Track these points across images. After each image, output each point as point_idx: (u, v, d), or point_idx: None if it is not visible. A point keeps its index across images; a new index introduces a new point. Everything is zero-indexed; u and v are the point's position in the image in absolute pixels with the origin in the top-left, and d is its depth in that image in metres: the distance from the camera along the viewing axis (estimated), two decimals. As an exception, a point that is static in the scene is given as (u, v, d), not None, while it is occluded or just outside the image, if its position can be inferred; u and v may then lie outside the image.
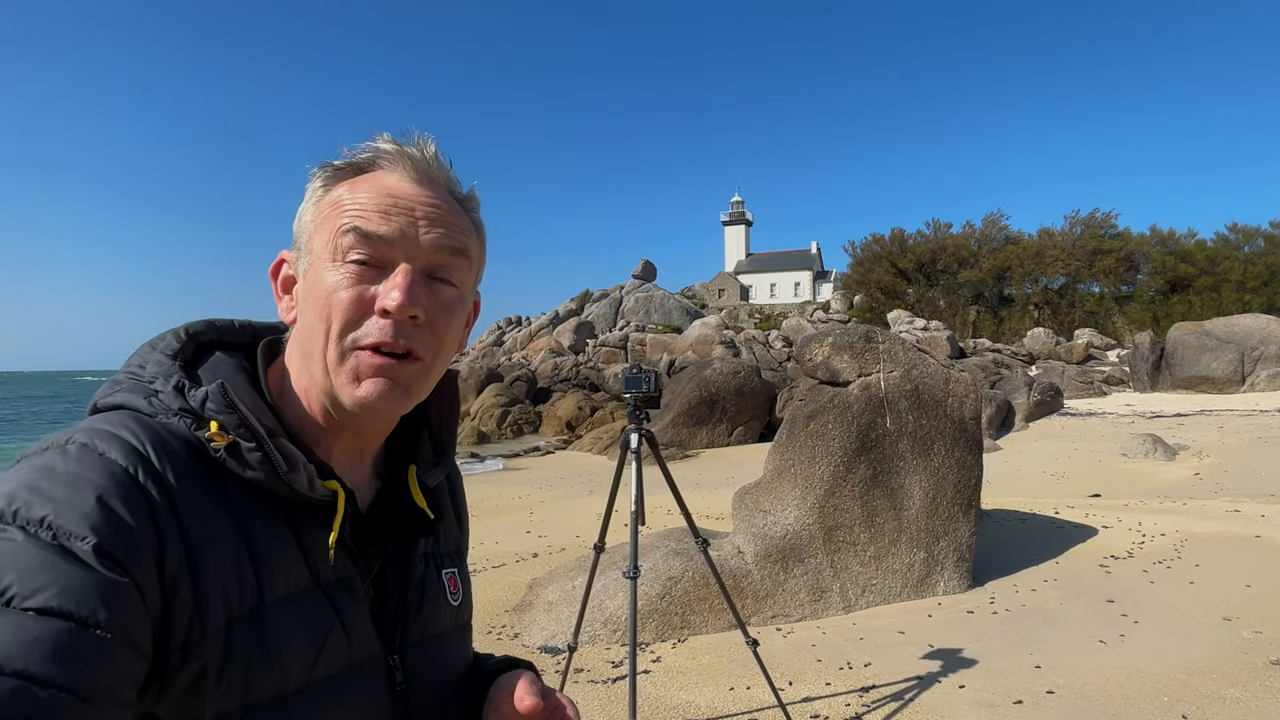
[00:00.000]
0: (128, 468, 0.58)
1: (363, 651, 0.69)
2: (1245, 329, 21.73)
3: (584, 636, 4.10)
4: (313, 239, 0.70)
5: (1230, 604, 4.19)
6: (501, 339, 44.39)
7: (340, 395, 0.67)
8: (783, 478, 4.84)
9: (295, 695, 0.62)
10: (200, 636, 0.57)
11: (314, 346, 0.68)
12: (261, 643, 0.61)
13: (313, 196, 0.72)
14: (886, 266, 48.64)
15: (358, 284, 0.66)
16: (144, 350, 0.71)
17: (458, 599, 0.83)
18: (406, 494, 0.77)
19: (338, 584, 0.68)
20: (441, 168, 0.72)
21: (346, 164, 0.71)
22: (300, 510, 0.67)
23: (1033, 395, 17.14)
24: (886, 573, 4.64)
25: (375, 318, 0.66)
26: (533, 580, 5.28)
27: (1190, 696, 3.12)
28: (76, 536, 0.53)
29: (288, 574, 0.64)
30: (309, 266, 0.70)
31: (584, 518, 7.82)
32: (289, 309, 0.73)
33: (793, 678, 3.52)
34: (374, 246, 0.67)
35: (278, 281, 0.74)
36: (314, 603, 0.65)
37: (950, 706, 3.15)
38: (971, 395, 5.09)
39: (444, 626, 0.80)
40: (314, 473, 0.66)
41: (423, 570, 0.78)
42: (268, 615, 0.62)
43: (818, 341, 5.24)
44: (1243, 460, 10.13)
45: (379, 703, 0.70)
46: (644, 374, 2.57)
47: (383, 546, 0.75)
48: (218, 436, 0.63)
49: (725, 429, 15.76)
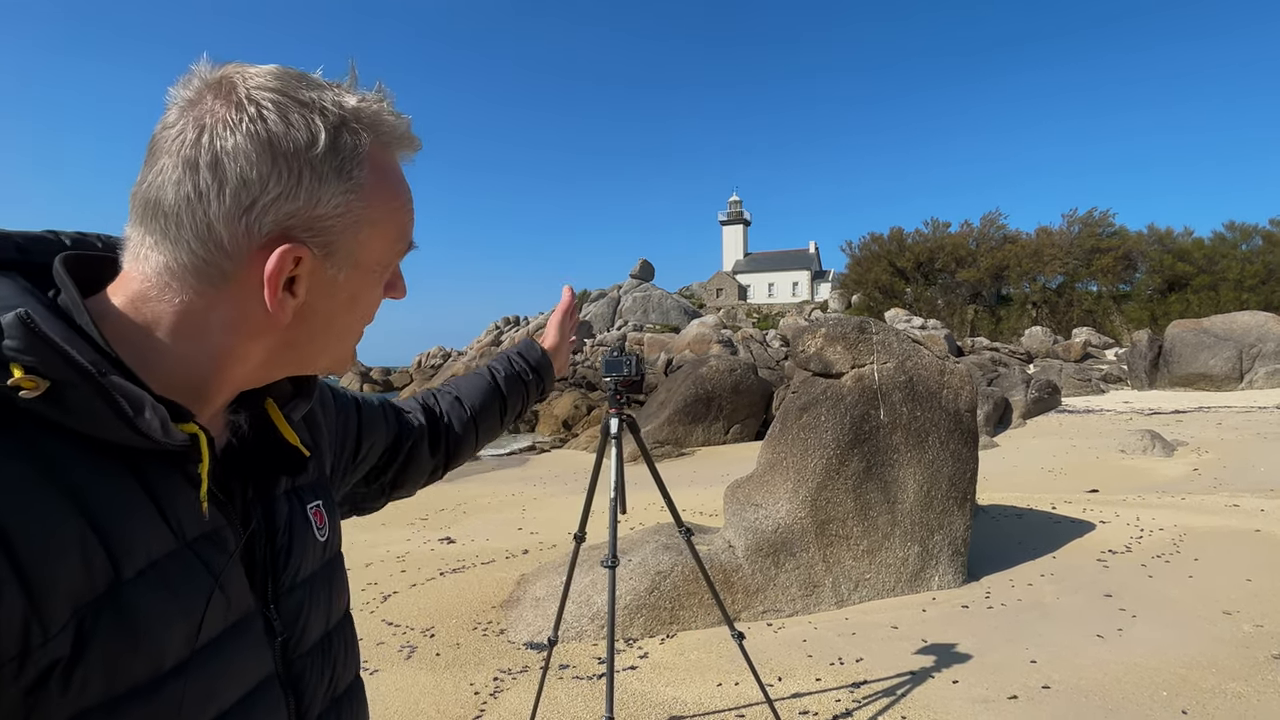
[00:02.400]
0: None
1: (240, 608, 0.60)
2: (1243, 326, 21.69)
3: (570, 632, 4.01)
4: (366, 243, 0.61)
5: (1230, 598, 4.11)
6: (499, 339, 44.33)
7: (314, 370, 0.67)
8: (775, 471, 4.75)
9: (171, 673, 0.53)
10: (41, 641, 0.47)
11: (328, 347, 0.65)
12: (125, 626, 0.50)
13: (343, 175, 0.58)
14: (884, 266, 48.67)
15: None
16: None
17: (325, 533, 0.74)
18: (270, 431, 0.69)
19: (206, 539, 0.58)
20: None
21: (392, 134, 0.61)
22: (150, 461, 0.55)
23: (1030, 393, 17.08)
24: (880, 567, 4.55)
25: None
26: (521, 576, 5.19)
27: (1190, 691, 3.04)
28: None
29: (147, 540, 0.53)
30: (352, 275, 0.61)
31: (576, 515, 7.69)
32: (288, 309, 0.60)
33: (783, 673, 3.44)
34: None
35: (282, 281, 0.58)
36: (184, 566, 0.55)
37: (944, 702, 3.07)
38: (967, 387, 5.00)
39: (314, 565, 0.72)
40: (166, 415, 0.54)
41: (288, 510, 0.69)
42: (128, 593, 0.51)
43: (811, 332, 5.16)
44: (1241, 456, 10.06)
45: (262, 657, 0.62)
46: (625, 357, 2.49)
47: (244, 490, 0.66)
48: (26, 382, 0.49)
49: (721, 427, 15.68)
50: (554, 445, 18.11)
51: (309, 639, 0.69)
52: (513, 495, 9.74)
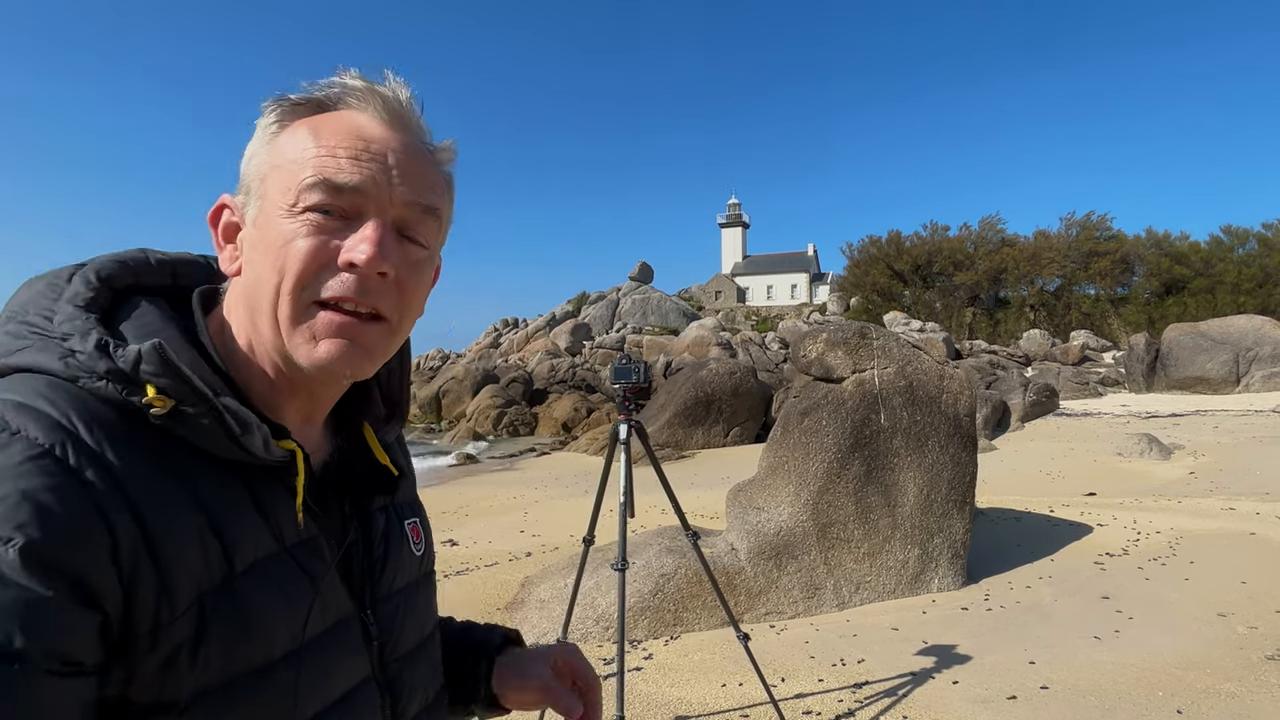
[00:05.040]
0: (53, 447, 0.50)
1: (338, 611, 0.67)
2: (1240, 330, 21.79)
3: (576, 634, 4.07)
4: (266, 183, 0.63)
5: (1225, 600, 4.17)
6: (498, 340, 44.33)
7: (296, 355, 0.62)
8: (776, 475, 4.82)
9: (281, 662, 0.59)
10: (171, 618, 0.53)
11: (263, 301, 0.62)
12: (239, 615, 0.57)
13: (265, 135, 0.64)
14: (883, 268, 48.68)
15: (318, 234, 0.60)
16: (41, 295, 0.61)
17: (420, 548, 0.80)
18: (365, 452, 0.75)
19: (304, 546, 0.65)
20: (415, 114, 0.66)
21: (307, 99, 0.64)
22: (256, 474, 0.62)
23: (1028, 396, 17.16)
24: (880, 570, 4.62)
25: (340, 273, 0.61)
26: (525, 579, 5.25)
27: (1185, 691, 3.10)
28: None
29: (255, 542, 0.60)
30: (260, 213, 0.63)
31: (578, 517, 7.75)
32: (232, 259, 0.66)
33: (785, 674, 3.50)
34: (342, 196, 0.61)
35: (218, 229, 0.67)
36: (285, 568, 0.62)
37: (944, 702, 3.13)
38: (966, 392, 5.07)
39: (410, 577, 0.78)
40: (269, 434, 0.61)
41: (384, 524, 0.75)
42: (240, 585, 0.58)
43: (812, 338, 5.22)
44: (1238, 459, 10.14)
45: (360, 657, 0.68)
46: (634, 365, 2.55)
47: (341, 505, 0.72)
48: (157, 401, 0.56)
49: (721, 429, 15.74)
50: (554, 447, 18.17)
51: (404, 646, 0.74)
52: (514, 498, 9.79)
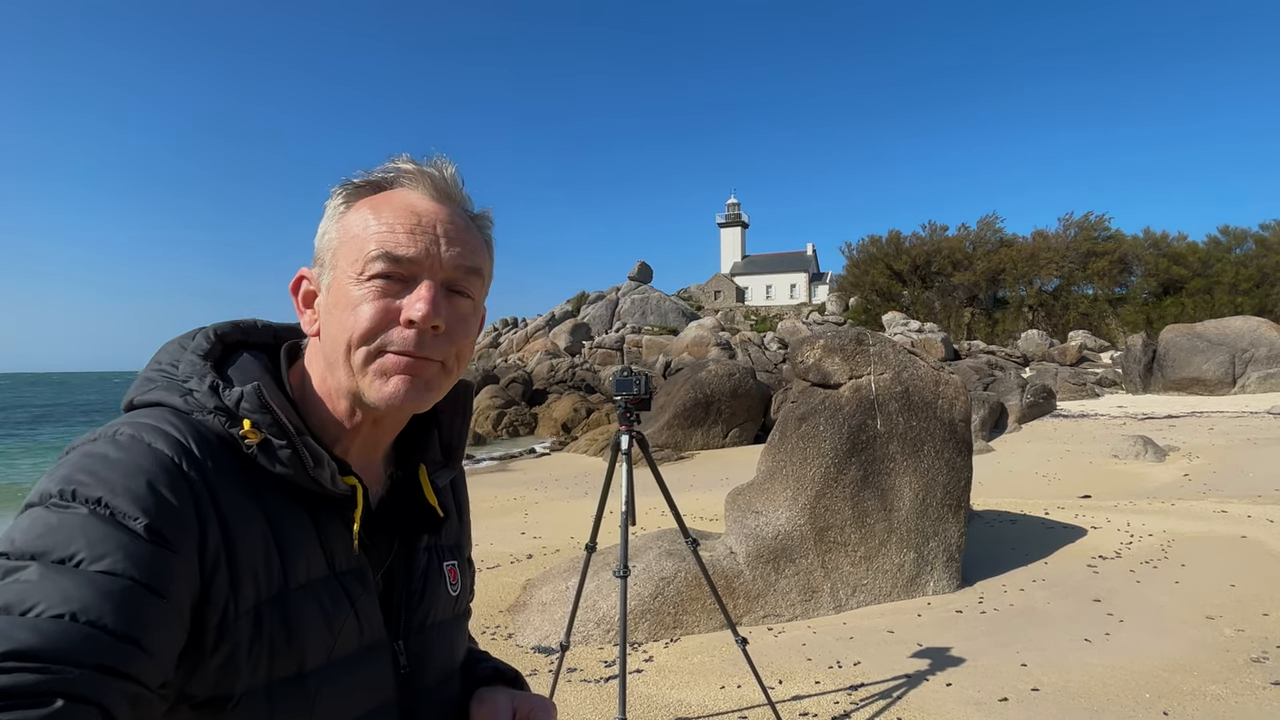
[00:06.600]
0: (173, 457, 0.63)
1: (371, 636, 0.74)
2: (1236, 331, 21.86)
3: (577, 637, 4.14)
4: (338, 255, 0.74)
5: (1214, 603, 4.25)
6: (498, 340, 44.38)
7: (366, 394, 0.72)
8: (774, 479, 4.89)
9: (311, 675, 0.68)
10: (235, 616, 0.63)
11: (338, 355, 0.72)
12: (285, 625, 0.66)
13: (334, 214, 0.76)
14: (882, 268, 48.76)
15: (382, 298, 0.71)
16: (173, 349, 0.76)
17: (457, 589, 0.88)
18: (417, 491, 0.83)
19: (351, 574, 0.74)
20: (458, 187, 0.77)
21: (367, 181, 0.76)
22: (320, 504, 0.72)
23: (1025, 397, 17.22)
24: (877, 573, 4.69)
25: (399, 328, 0.71)
26: (527, 581, 5.32)
27: (1171, 693, 3.18)
28: (130, 516, 0.58)
29: (309, 563, 0.70)
30: (333, 281, 0.74)
31: (579, 519, 7.85)
32: (311, 321, 0.77)
33: (783, 676, 3.57)
34: (401, 265, 0.71)
35: (298, 296, 0.78)
36: (330, 590, 0.71)
37: (938, 704, 3.20)
38: (961, 397, 5.15)
39: (444, 615, 0.85)
40: (335, 469, 0.72)
41: (425, 562, 0.83)
42: (291, 600, 0.67)
43: (810, 344, 5.30)
44: (1232, 461, 10.22)
45: (385, 683, 0.76)
46: (634, 376, 2.62)
47: (390, 539, 0.80)
48: (251, 434, 0.68)
49: (720, 430, 15.81)
50: (554, 448, 18.22)
51: (429, 679, 0.82)
52: (515, 499, 9.85)
